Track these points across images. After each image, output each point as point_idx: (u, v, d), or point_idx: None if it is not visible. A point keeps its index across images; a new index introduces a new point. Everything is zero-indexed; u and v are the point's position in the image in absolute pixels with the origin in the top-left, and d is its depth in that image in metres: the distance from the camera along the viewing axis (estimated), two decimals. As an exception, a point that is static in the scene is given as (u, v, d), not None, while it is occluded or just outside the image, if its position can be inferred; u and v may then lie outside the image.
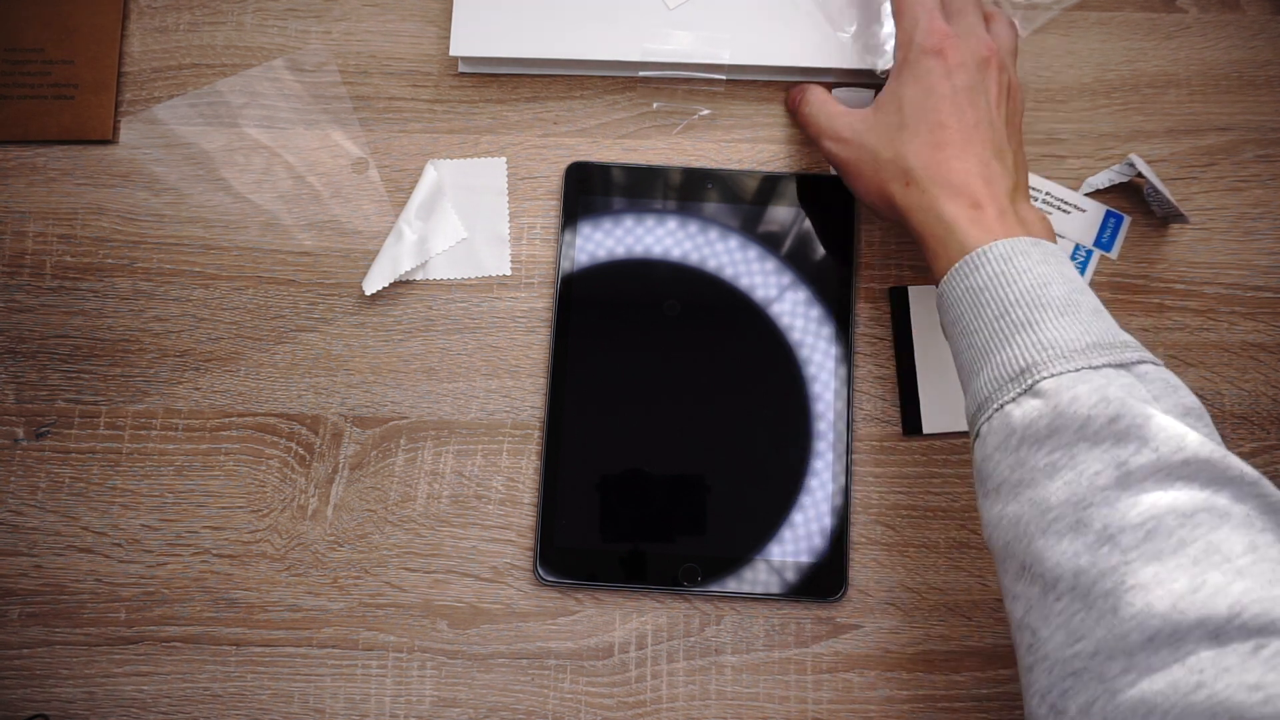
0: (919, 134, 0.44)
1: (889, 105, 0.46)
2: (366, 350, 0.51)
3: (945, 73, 0.45)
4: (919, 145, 0.44)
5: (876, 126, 0.46)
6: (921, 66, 0.45)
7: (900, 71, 0.46)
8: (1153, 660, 0.32)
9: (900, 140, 0.45)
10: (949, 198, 0.43)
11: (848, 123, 0.48)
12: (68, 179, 0.53)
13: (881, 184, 0.45)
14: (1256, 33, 0.55)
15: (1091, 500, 0.35)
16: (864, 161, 0.46)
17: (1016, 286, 0.40)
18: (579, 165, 0.52)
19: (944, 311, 0.43)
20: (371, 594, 0.49)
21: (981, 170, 0.43)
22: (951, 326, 0.42)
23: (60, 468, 0.50)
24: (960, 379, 0.42)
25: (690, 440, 0.50)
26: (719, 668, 0.48)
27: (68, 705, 0.48)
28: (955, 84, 0.44)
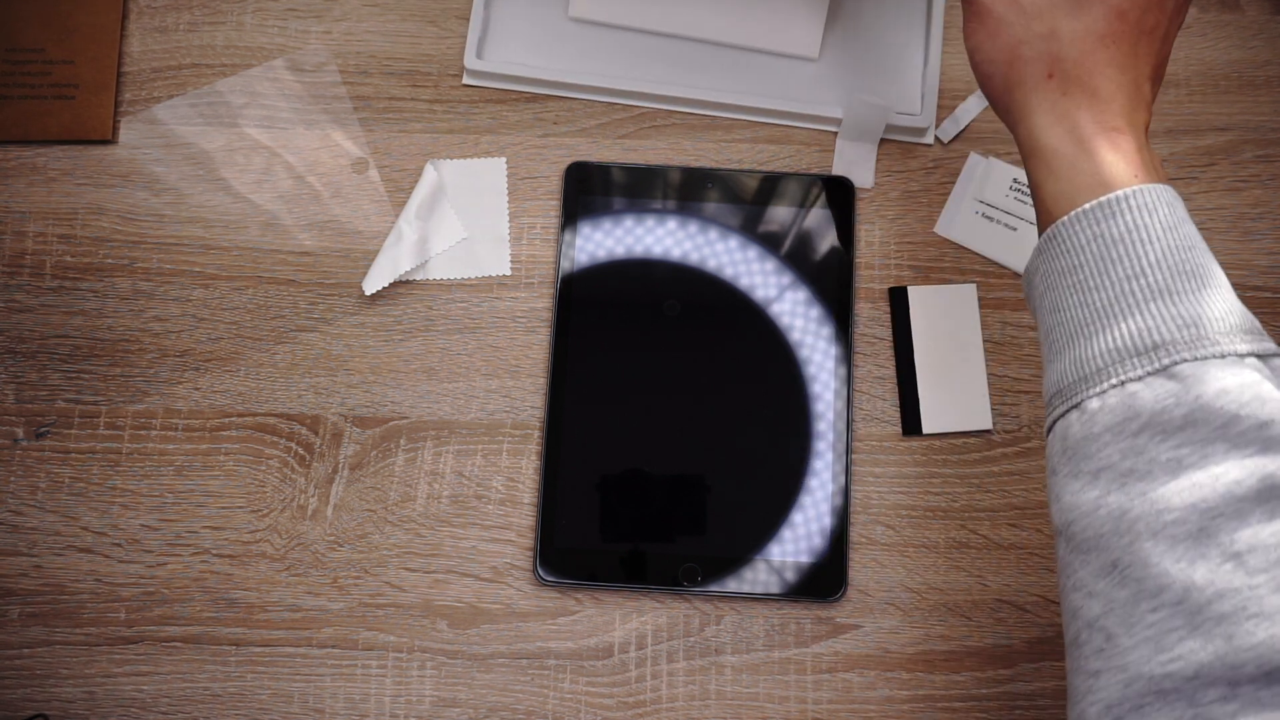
0: (1089, 14, 0.36)
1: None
2: (366, 350, 0.51)
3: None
4: (1086, 29, 0.36)
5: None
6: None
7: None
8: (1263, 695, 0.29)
9: (1066, 12, 0.36)
10: (1093, 111, 0.36)
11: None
12: (68, 179, 0.53)
13: (1018, 58, 0.37)
14: (1256, 33, 0.55)
15: (1223, 510, 0.31)
16: (1009, 23, 0.37)
17: (1159, 246, 0.34)
18: (579, 165, 0.52)
19: (1054, 255, 0.36)
20: (371, 594, 0.49)
21: (1135, 90, 0.37)
22: (1060, 275, 0.36)
23: (60, 468, 0.50)
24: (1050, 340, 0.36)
25: (690, 440, 0.50)
26: (719, 668, 0.48)
27: (68, 705, 0.48)
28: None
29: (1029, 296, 0.38)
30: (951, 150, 0.54)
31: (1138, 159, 0.35)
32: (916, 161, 0.54)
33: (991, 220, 0.53)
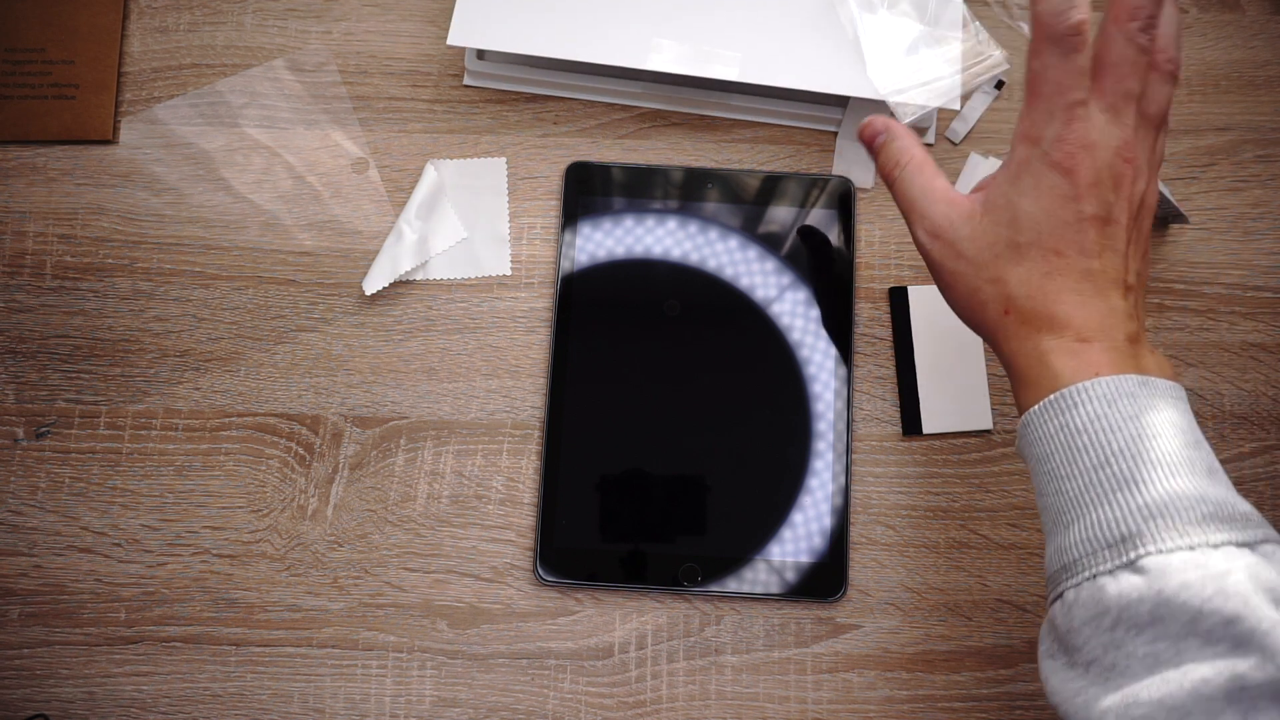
0: (1030, 258, 0.37)
1: (1000, 213, 0.38)
2: (366, 350, 0.51)
3: (1072, 195, 0.37)
4: (1028, 272, 0.37)
5: (981, 235, 0.38)
6: (1045, 180, 0.37)
7: (1019, 175, 0.38)
8: None
9: (1007, 261, 0.38)
10: (1052, 331, 0.37)
11: (946, 214, 0.39)
12: (68, 179, 0.53)
13: (976, 303, 0.39)
14: (1256, 33, 0.55)
15: (1192, 710, 0.30)
16: (961, 274, 0.39)
17: (1120, 435, 0.34)
18: (579, 165, 0.52)
19: (1028, 445, 0.37)
20: (371, 594, 0.49)
21: (1100, 308, 0.37)
22: (1036, 463, 0.37)
23: (60, 468, 0.50)
24: (1043, 521, 0.37)
25: (690, 440, 0.50)
26: (719, 668, 0.48)
27: (68, 705, 0.48)
28: (1082, 210, 0.37)
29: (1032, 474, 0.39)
30: (951, 150, 0.54)
31: (1104, 359, 0.36)
32: (916, 161, 0.53)
33: (991, 220, 0.53)
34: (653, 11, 0.51)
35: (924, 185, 0.40)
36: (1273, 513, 0.50)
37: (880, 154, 0.42)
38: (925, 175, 0.40)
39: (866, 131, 0.42)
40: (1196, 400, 0.51)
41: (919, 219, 0.40)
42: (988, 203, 0.39)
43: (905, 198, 0.41)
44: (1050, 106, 0.37)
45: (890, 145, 0.41)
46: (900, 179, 0.41)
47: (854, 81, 0.50)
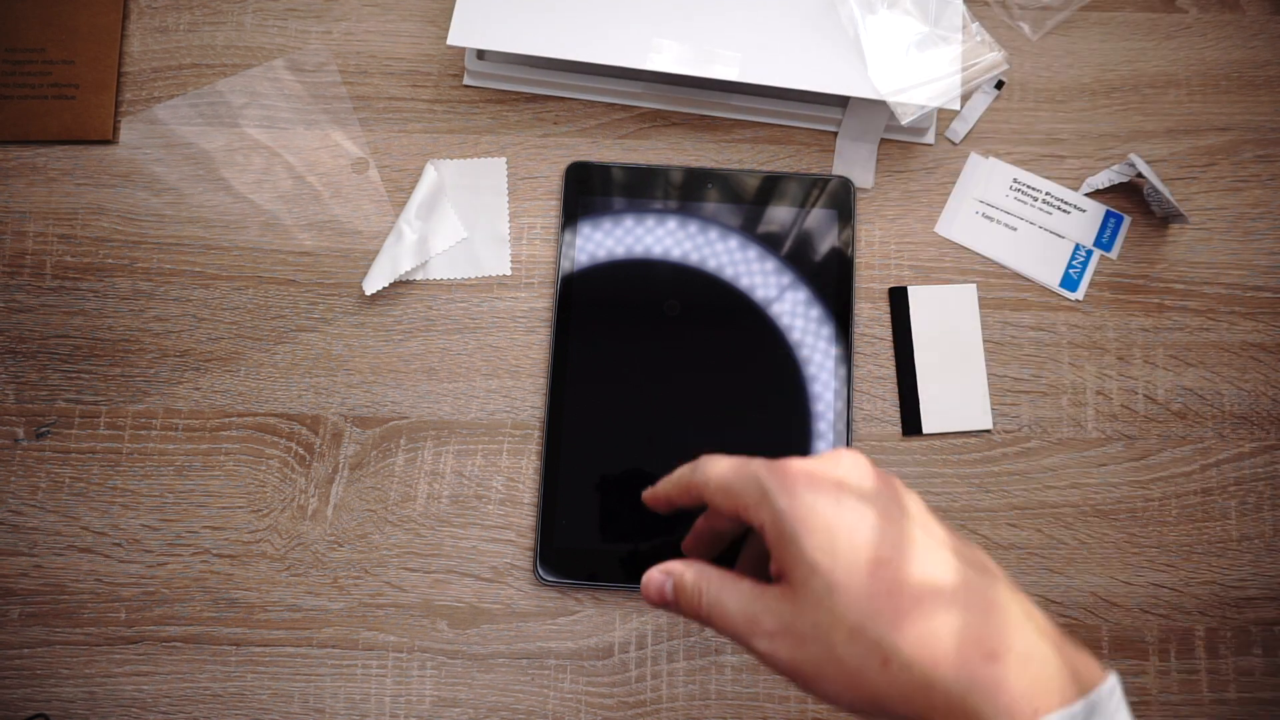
0: (858, 589, 0.32)
1: (798, 571, 0.33)
2: (366, 350, 0.51)
3: (834, 500, 0.34)
4: (868, 604, 0.32)
5: (804, 604, 0.33)
6: (801, 509, 0.33)
7: (780, 533, 0.34)
8: None
9: (840, 607, 0.32)
10: (948, 661, 0.31)
11: (769, 610, 0.34)
12: (68, 179, 0.53)
13: (852, 676, 0.32)
14: (1256, 33, 0.55)
15: None
16: (817, 657, 0.32)
17: None
18: (579, 165, 0.52)
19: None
20: (371, 594, 0.49)
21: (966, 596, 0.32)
22: None
23: (60, 468, 0.50)
24: None
25: (690, 440, 0.50)
26: (719, 668, 0.48)
27: (68, 705, 0.48)
28: (853, 505, 0.34)
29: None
30: (951, 150, 0.54)
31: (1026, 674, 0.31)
32: (916, 161, 0.54)
33: (991, 220, 0.53)
34: (653, 11, 0.51)
35: (737, 596, 0.35)
36: (1272, 513, 0.50)
37: (679, 599, 0.37)
38: (730, 586, 0.35)
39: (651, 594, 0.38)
40: (1197, 400, 0.51)
41: (750, 632, 0.34)
42: (788, 576, 0.33)
43: (726, 619, 0.35)
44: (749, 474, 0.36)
45: (681, 582, 0.37)
46: (710, 606, 0.35)
47: (854, 81, 0.50)
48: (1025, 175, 0.53)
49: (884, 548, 0.33)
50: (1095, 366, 0.51)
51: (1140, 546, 0.49)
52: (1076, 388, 0.51)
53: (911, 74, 0.50)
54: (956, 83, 0.50)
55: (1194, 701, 0.48)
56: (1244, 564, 0.49)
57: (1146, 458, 0.50)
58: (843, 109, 0.53)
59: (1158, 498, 0.50)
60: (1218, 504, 0.50)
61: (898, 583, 0.32)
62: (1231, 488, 0.50)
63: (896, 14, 0.51)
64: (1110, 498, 0.50)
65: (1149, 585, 0.49)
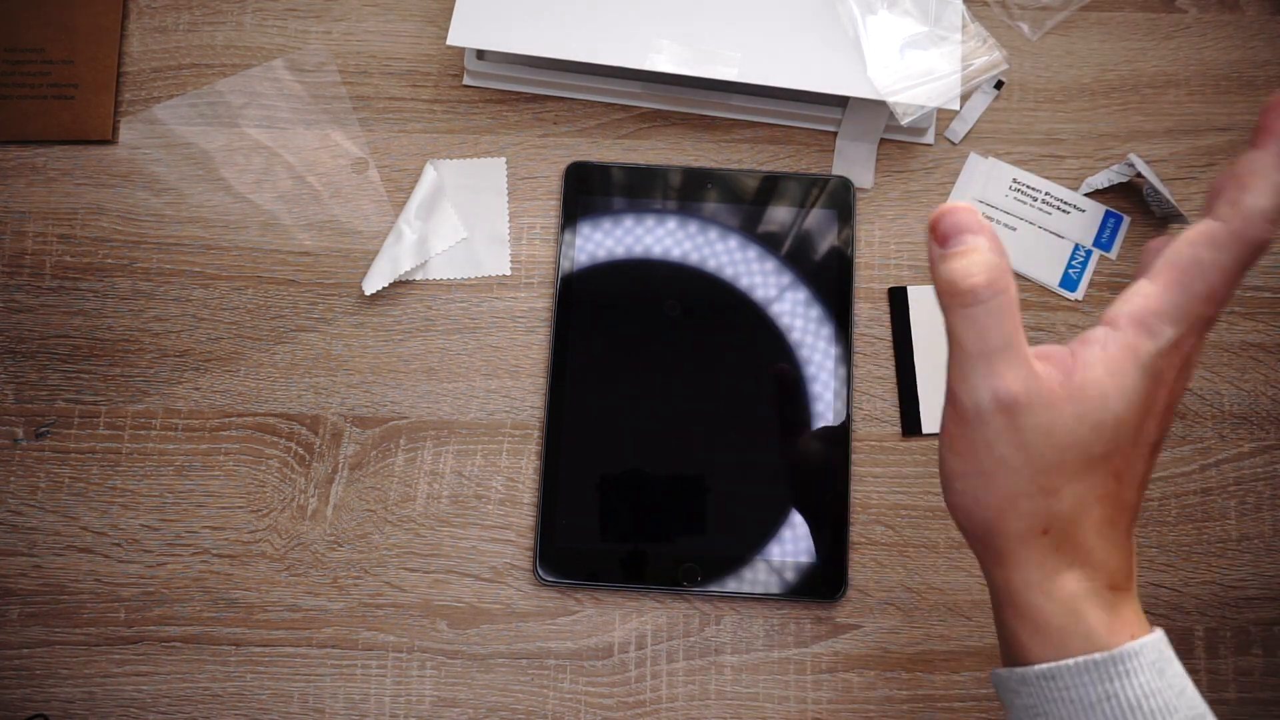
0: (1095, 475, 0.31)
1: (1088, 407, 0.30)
2: (366, 350, 0.51)
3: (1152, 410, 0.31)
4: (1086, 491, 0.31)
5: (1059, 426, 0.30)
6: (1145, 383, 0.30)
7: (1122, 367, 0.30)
8: None
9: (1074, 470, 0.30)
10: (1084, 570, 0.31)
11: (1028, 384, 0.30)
12: (68, 179, 0.53)
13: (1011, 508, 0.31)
14: (1256, 33, 0.55)
15: None
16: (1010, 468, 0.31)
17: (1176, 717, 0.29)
18: (579, 165, 0.52)
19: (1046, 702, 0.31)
20: (371, 594, 0.49)
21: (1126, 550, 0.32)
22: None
23: (60, 468, 0.50)
24: None
25: (690, 440, 0.50)
26: (719, 668, 0.48)
27: (68, 705, 0.48)
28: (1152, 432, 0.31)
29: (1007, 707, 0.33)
30: (951, 150, 0.54)
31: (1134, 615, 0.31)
32: (916, 161, 0.54)
33: (991, 220, 0.53)
34: (653, 12, 0.51)
35: (1012, 332, 0.30)
36: (1272, 513, 0.50)
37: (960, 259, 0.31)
38: (1017, 320, 0.31)
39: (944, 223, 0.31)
40: (1197, 400, 0.51)
41: (989, 373, 0.30)
42: (1076, 388, 0.30)
43: (981, 338, 0.31)
44: (1191, 306, 0.30)
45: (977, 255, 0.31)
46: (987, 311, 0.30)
47: (854, 81, 0.50)
48: (1025, 175, 0.53)
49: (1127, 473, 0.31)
50: (1095, 366, 0.51)
51: (1140, 546, 0.49)
52: (1076, 388, 0.51)
53: (911, 74, 0.50)
54: (956, 83, 0.50)
55: (1194, 701, 0.48)
56: (1243, 564, 0.49)
57: (1146, 458, 0.50)
58: (842, 109, 0.53)
59: (1157, 498, 0.50)
60: (1217, 504, 0.50)
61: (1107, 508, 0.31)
62: (1231, 488, 0.50)
63: (896, 14, 0.51)
64: (1110, 498, 0.50)
65: (1148, 585, 0.49)
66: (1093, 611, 0.30)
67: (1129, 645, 0.30)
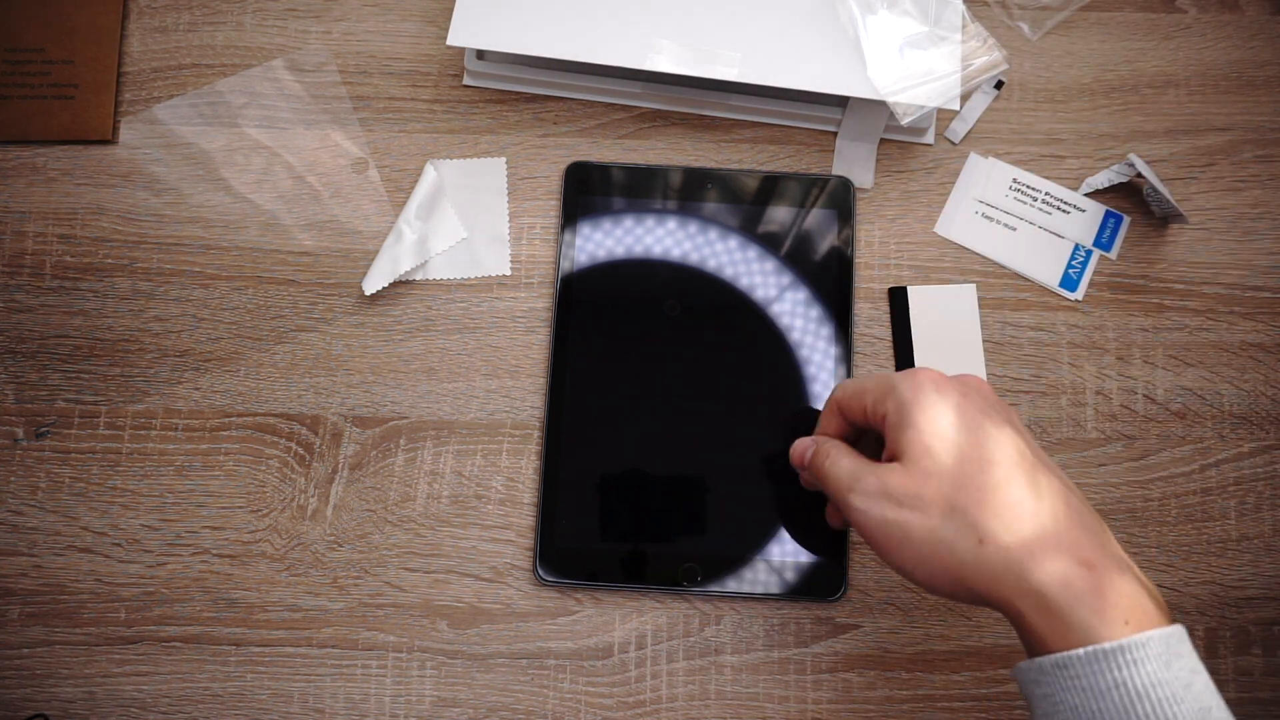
0: (968, 474, 0.35)
1: (913, 450, 0.37)
2: (366, 350, 0.51)
3: (954, 405, 0.37)
4: (975, 489, 0.35)
5: (912, 475, 0.36)
6: (924, 402, 0.37)
7: (902, 420, 0.37)
8: None
9: (948, 486, 0.35)
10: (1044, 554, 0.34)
11: (876, 473, 0.37)
12: (68, 179, 0.53)
13: (941, 548, 0.35)
14: (1255, 33, 0.55)
15: None
16: (910, 522, 0.36)
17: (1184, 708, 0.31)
18: (579, 165, 0.52)
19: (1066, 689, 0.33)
20: (371, 594, 0.49)
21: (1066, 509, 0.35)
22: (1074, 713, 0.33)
23: (60, 468, 0.50)
24: None
25: (690, 440, 0.50)
26: (719, 668, 0.48)
27: (68, 705, 0.48)
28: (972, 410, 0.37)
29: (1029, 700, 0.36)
30: (951, 150, 0.54)
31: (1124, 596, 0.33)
32: (916, 161, 0.54)
33: (991, 220, 0.53)
34: (653, 11, 0.51)
35: (852, 462, 0.39)
36: (1272, 513, 0.50)
37: (813, 462, 0.41)
38: (853, 456, 0.39)
39: (795, 454, 0.43)
40: (1197, 400, 0.51)
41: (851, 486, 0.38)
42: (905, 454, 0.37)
43: (834, 479, 0.39)
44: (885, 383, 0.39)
45: (820, 448, 0.41)
46: (832, 463, 0.40)
47: (854, 81, 0.50)
48: (1025, 175, 0.53)
49: (998, 453, 0.36)
50: (1095, 366, 0.51)
51: (1140, 546, 0.49)
52: (1076, 388, 0.51)
53: (911, 74, 0.50)
54: (956, 83, 0.50)
55: (1194, 701, 0.48)
56: (1243, 564, 0.49)
57: (1146, 458, 0.50)
58: (842, 109, 0.53)
59: (1157, 498, 0.50)
60: (1217, 504, 0.50)
61: (1005, 482, 0.35)
62: (1231, 488, 0.50)
63: (896, 14, 0.51)
64: (1110, 498, 0.50)
65: (1149, 585, 0.49)
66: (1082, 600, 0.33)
67: (1138, 636, 0.32)
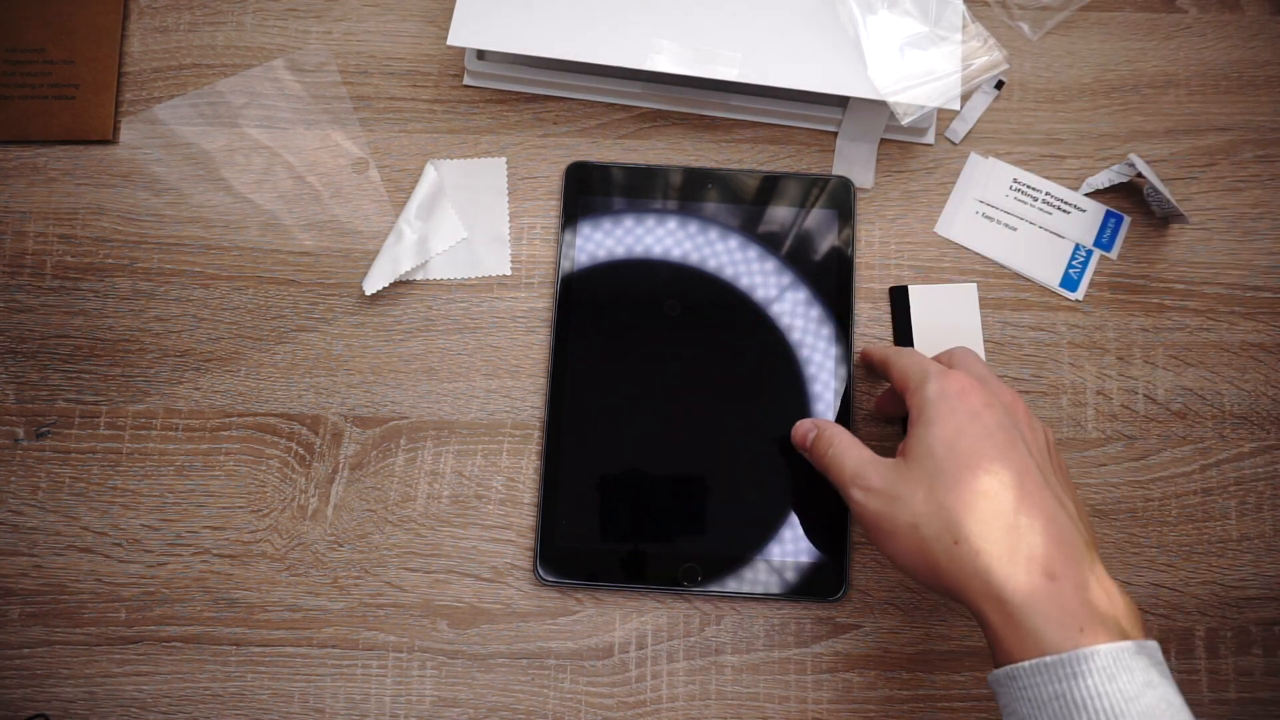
0: (960, 480, 0.38)
1: (918, 450, 0.40)
2: (366, 350, 0.51)
3: (972, 413, 0.39)
4: (963, 494, 0.38)
5: (910, 475, 0.39)
6: (943, 406, 0.40)
7: (920, 416, 0.41)
8: None
9: (939, 489, 0.38)
10: (1012, 562, 0.36)
11: (877, 470, 0.41)
12: (68, 179, 0.53)
13: (922, 544, 0.38)
14: (1256, 33, 0.55)
15: None
16: (899, 516, 0.39)
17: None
18: (579, 165, 0.52)
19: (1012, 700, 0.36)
20: (371, 594, 0.49)
21: (1047, 525, 0.37)
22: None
23: (60, 468, 0.50)
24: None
25: (690, 440, 0.50)
26: (719, 668, 0.48)
27: (68, 705, 0.48)
28: (987, 423, 0.39)
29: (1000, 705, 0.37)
30: (951, 150, 0.54)
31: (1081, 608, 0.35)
32: (916, 161, 0.54)
33: (991, 220, 0.53)
34: (653, 11, 0.51)
35: (855, 455, 0.42)
36: (1272, 513, 0.50)
37: (814, 445, 0.45)
38: (856, 448, 0.43)
39: (797, 436, 0.46)
40: (1197, 400, 0.51)
41: (853, 480, 0.41)
42: (906, 451, 0.40)
43: (837, 468, 0.43)
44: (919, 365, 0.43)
45: (821, 434, 0.44)
46: (832, 453, 0.43)
47: (854, 81, 0.50)
48: (1025, 175, 0.53)
49: (996, 465, 0.38)
50: (1095, 366, 0.51)
51: (1140, 546, 0.49)
52: (1076, 388, 0.51)
53: (911, 74, 0.50)
54: (956, 83, 0.50)
55: (1194, 701, 0.48)
56: (1244, 564, 0.49)
57: (1146, 458, 0.50)
58: (843, 109, 0.53)
59: (1158, 498, 0.50)
60: (1218, 504, 0.50)
61: (993, 492, 0.37)
62: (1231, 488, 0.50)
63: (896, 14, 0.51)
64: (1110, 498, 0.50)
65: (1149, 585, 0.49)
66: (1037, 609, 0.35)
67: (1083, 650, 0.34)
